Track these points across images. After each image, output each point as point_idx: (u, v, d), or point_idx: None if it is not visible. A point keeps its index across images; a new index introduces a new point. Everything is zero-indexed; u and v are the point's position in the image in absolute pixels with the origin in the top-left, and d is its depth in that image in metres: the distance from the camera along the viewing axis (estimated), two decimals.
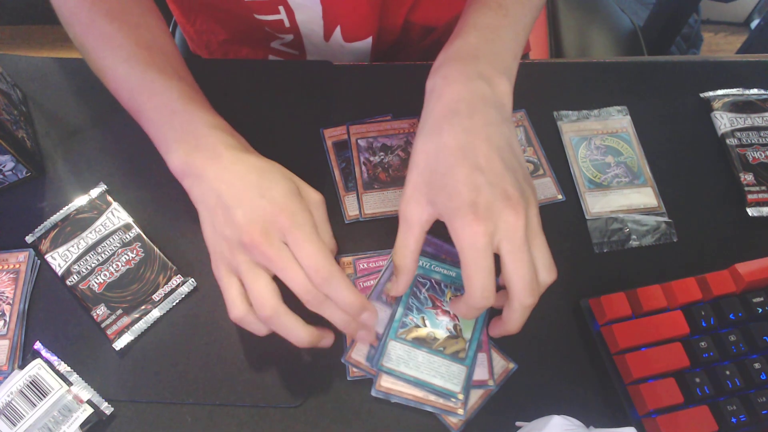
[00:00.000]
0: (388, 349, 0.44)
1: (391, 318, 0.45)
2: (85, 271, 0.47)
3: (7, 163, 0.49)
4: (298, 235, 0.39)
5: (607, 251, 0.50)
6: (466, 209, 0.36)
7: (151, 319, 0.46)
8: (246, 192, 0.41)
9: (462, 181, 0.37)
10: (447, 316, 0.45)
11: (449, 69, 0.42)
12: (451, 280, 0.47)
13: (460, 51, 0.43)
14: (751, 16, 1.63)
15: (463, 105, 0.40)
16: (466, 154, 0.38)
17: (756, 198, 0.51)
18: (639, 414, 0.42)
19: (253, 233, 0.39)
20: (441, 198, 0.38)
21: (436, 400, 0.43)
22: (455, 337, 0.44)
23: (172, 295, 0.47)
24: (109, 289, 0.47)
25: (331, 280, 0.39)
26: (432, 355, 0.44)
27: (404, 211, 0.40)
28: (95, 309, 0.46)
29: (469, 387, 0.43)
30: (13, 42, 1.65)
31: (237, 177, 0.41)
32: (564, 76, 0.58)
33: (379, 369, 0.43)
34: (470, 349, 0.44)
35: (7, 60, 0.57)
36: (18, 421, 0.41)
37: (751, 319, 0.44)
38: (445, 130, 0.39)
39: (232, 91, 0.55)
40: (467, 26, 0.44)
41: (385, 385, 0.43)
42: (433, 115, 0.41)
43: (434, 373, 0.43)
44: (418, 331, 0.45)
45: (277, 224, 0.39)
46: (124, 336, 0.46)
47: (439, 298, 0.46)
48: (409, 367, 0.43)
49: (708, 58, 0.61)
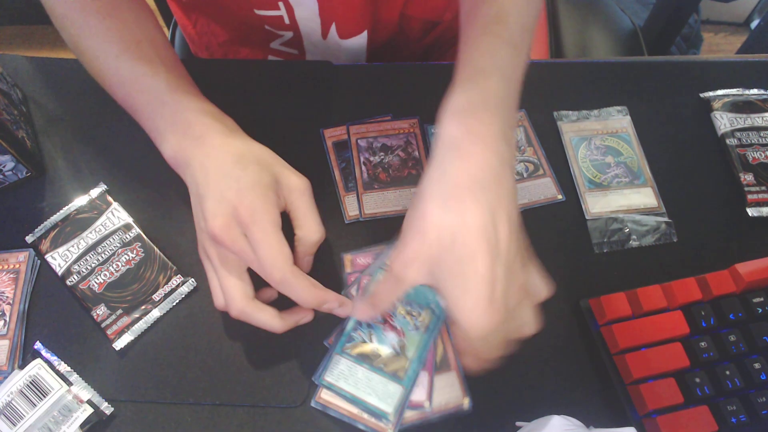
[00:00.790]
0: (332, 363, 0.44)
1: (339, 332, 0.45)
2: (85, 271, 0.47)
3: (7, 163, 0.49)
4: (254, 232, 0.39)
5: (607, 251, 0.50)
6: (483, 300, 0.35)
7: (151, 319, 0.46)
8: (218, 182, 0.41)
9: (482, 274, 0.35)
10: (394, 332, 0.45)
11: (474, 122, 0.37)
12: (406, 296, 0.46)
13: (485, 98, 0.39)
14: (751, 16, 1.63)
15: (489, 175, 0.36)
16: (489, 240, 0.35)
17: (756, 198, 0.51)
18: (639, 414, 0.42)
19: (215, 227, 0.39)
20: (451, 280, 0.36)
21: (368, 418, 0.43)
22: (398, 355, 0.44)
23: (172, 295, 0.47)
24: (109, 289, 0.47)
25: (284, 284, 0.39)
26: (371, 373, 0.43)
27: (401, 272, 0.37)
28: (95, 309, 0.46)
29: (402, 408, 0.42)
30: (13, 42, 1.65)
31: (214, 164, 0.42)
32: (564, 76, 0.58)
33: (319, 383, 0.43)
34: (410, 368, 0.44)
35: (7, 60, 0.57)
36: (18, 421, 0.41)
37: (751, 319, 0.44)
38: (468, 206, 0.35)
39: (232, 91, 0.55)
40: (487, 64, 0.40)
41: (324, 398, 0.43)
42: (453, 180, 0.36)
43: (370, 391, 0.43)
44: (364, 346, 0.44)
45: (238, 218, 0.40)
46: (124, 336, 0.46)
47: (390, 314, 0.45)
48: (348, 383, 0.43)
49: (708, 58, 0.61)
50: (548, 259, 0.49)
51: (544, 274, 0.39)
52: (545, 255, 0.49)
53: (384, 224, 0.50)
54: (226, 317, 0.47)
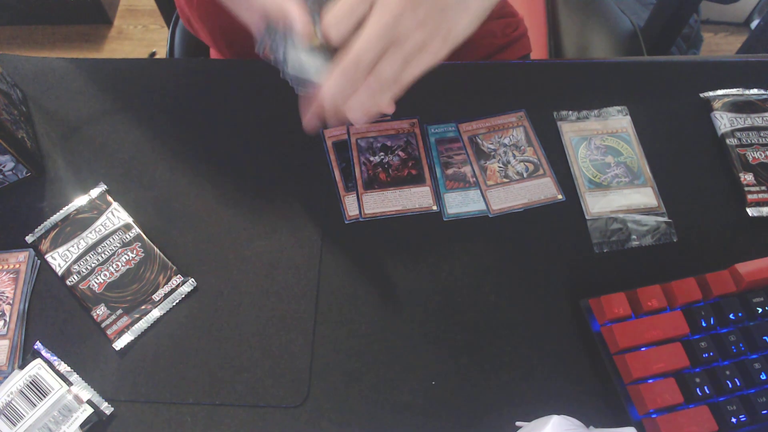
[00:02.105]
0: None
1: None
2: (85, 271, 0.48)
3: (7, 163, 0.49)
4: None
5: (607, 251, 0.50)
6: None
7: (151, 319, 0.46)
8: None
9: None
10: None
11: None
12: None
13: None
14: (751, 16, 1.63)
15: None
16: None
17: (756, 198, 0.51)
18: (639, 414, 0.42)
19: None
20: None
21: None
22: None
23: (173, 295, 0.47)
24: (109, 289, 0.47)
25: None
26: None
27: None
28: (95, 309, 0.46)
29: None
30: (13, 42, 1.65)
31: None
32: (564, 76, 0.58)
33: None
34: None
35: (7, 60, 0.57)
36: (18, 421, 0.42)
37: (751, 319, 0.44)
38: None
39: (232, 91, 0.56)
40: None
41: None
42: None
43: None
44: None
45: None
46: (124, 336, 0.46)
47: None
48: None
49: (708, 58, 0.61)
50: (548, 259, 0.49)
51: (543, 273, 0.39)
52: (545, 255, 0.50)
53: (384, 224, 0.50)
54: (226, 317, 0.47)
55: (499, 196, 0.51)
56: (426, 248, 0.49)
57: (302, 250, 0.49)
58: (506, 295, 0.48)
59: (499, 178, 0.52)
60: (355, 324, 0.47)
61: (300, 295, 0.47)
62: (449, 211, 0.51)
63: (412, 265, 0.49)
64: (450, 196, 0.51)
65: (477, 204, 0.51)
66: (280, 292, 0.48)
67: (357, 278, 0.48)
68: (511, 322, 0.47)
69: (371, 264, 0.49)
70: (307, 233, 0.50)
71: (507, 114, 0.55)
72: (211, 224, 0.50)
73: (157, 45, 1.64)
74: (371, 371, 0.45)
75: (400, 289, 0.48)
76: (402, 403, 0.44)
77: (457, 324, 0.47)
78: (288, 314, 0.47)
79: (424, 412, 0.44)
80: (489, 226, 0.50)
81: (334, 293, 0.48)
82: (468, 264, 0.49)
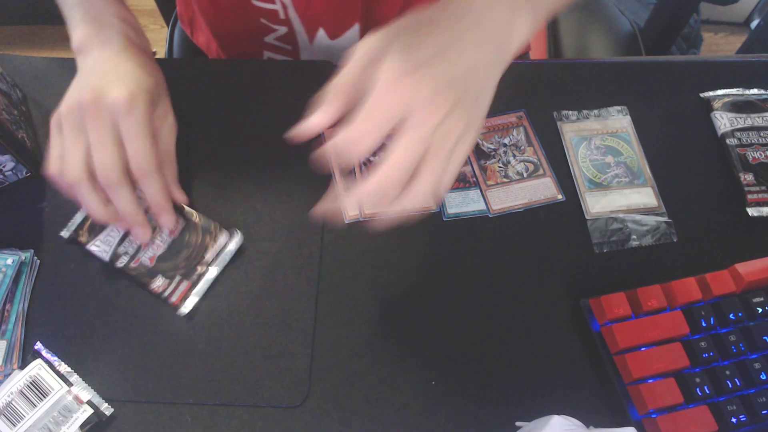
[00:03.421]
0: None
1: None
2: (132, 251, 0.48)
3: (7, 163, 0.49)
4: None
5: (607, 251, 0.50)
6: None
7: (210, 278, 0.47)
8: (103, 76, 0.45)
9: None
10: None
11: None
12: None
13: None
14: (751, 16, 1.63)
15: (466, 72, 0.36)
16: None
17: (756, 198, 0.51)
18: (639, 414, 0.42)
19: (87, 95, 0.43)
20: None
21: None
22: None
23: (223, 253, 0.48)
24: (160, 261, 0.48)
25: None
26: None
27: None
28: (153, 282, 0.47)
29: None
30: (13, 42, 1.64)
31: (102, 64, 0.46)
32: (564, 76, 0.58)
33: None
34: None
35: (7, 60, 0.57)
36: (18, 421, 0.41)
37: (751, 319, 0.44)
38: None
39: (232, 91, 0.55)
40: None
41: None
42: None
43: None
44: None
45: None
46: (189, 299, 0.46)
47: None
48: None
49: (708, 58, 0.61)
50: (548, 259, 0.49)
51: (542, 273, 0.39)
52: (545, 255, 0.50)
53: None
54: (226, 317, 0.47)
55: (499, 196, 0.51)
56: (426, 248, 0.49)
57: (302, 250, 0.49)
58: (506, 295, 0.48)
59: (499, 178, 0.52)
60: (355, 324, 0.47)
61: (300, 295, 0.47)
62: (449, 211, 0.51)
63: (412, 265, 0.49)
64: (450, 196, 0.51)
65: (477, 204, 0.51)
66: (280, 292, 0.48)
67: (357, 278, 0.48)
68: (511, 322, 0.47)
69: (371, 264, 0.49)
70: (307, 233, 0.50)
71: (507, 114, 0.55)
72: None
73: (156, 45, 1.63)
74: (371, 371, 0.45)
75: (399, 290, 0.48)
76: (402, 403, 0.44)
77: (457, 324, 0.47)
78: (288, 314, 0.47)
79: (424, 412, 0.44)
80: (489, 226, 0.50)
81: (334, 293, 0.48)
82: (468, 264, 0.49)
